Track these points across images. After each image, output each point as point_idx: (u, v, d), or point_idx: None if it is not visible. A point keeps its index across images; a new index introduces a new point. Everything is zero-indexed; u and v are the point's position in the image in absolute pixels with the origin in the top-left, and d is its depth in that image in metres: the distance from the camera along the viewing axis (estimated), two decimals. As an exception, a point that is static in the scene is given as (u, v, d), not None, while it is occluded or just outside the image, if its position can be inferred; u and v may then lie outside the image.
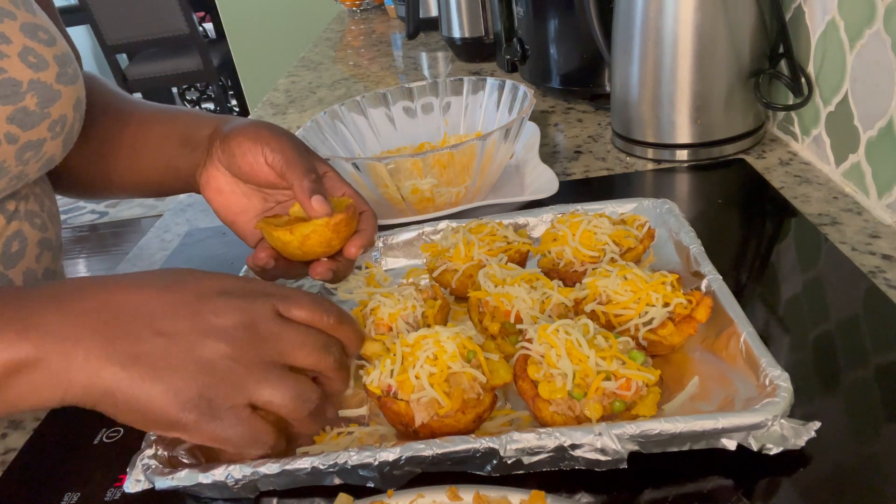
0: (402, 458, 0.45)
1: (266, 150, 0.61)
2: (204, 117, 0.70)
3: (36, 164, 0.61)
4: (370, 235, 0.62)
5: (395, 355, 0.51)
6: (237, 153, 0.62)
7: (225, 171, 0.64)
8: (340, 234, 0.59)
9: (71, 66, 0.62)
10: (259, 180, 0.63)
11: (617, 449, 0.44)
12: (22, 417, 0.63)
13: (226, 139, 0.63)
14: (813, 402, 0.50)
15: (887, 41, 0.67)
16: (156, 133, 0.71)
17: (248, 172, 0.62)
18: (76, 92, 0.63)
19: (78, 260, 3.56)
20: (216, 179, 0.65)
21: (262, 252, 0.60)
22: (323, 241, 0.58)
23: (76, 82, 0.63)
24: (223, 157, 0.63)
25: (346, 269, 0.62)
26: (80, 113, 0.64)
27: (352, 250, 0.60)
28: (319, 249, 0.59)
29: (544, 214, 0.74)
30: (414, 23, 1.61)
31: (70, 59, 0.63)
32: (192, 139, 0.68)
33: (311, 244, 0.58)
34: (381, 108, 0.95)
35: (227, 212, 0.66)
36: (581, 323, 0.51)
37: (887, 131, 0.69)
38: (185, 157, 0.68)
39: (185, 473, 0.47)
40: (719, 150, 0.89)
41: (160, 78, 3.86)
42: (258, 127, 0.63)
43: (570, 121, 1.10)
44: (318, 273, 0.59)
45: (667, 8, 0.83)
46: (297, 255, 0.59)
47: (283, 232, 0.58)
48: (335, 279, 0.61)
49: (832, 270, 0.65)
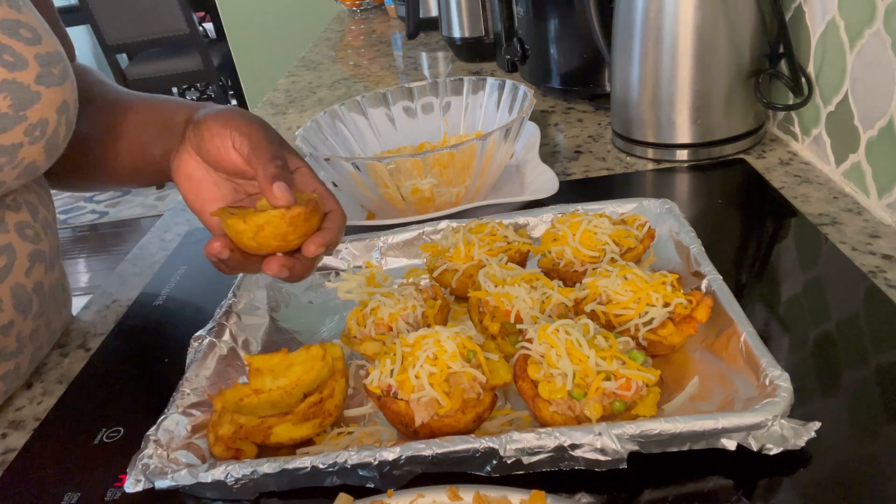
0: (401, 457, 0.45)
1: (234, 134, 0.58)
2: (182, 103, 0.68)
3: (12, 172, 0.57)
4: (334, 235, 0.57)
5: (395, 355, 0.51)
6: (206, 136, 0.59)
7: (196, 157, 0.62)
8: (298, 229, 0.54)
9: (57, 67, 0.59)
10: (227, 166, 0.60)
11: (617, 449, 0.44)
12: (22, 417, 0.63)
13: (198, 123, 0.61)
14: (813, 402, 0.50)
15: (887, 41, 0.67)
16: (134, 120, 0.69)
17: (216, 157, 0.60)
18: (61, 94, 0.59)
19: (78, 260, 3.56)
20: (187, 164, 0.62)
21: (217, 241, 0.56)
22: (278, 234, 0.54)
23: (63, 84, 0.60)
24: (194, 141, 0.61)
25: (305, 270, 0.57)
26: (66, 117, 0.60)
27: (310, 248, 0.55)
28: (274, 243, 0.54)
29: (544, 214, 0.74)
30: (414, 23, 1.61)
31: (58, 59, 0.60)
32: (169, 125, 0.66)
33: (265, 236, 0.54)
34: (381, 107, 0.95)
35: (195, 199, 0.62)
36: (581, 323, 0.51)
37: (887, 131, 0.69)
38: (160, 142, 0.66)
39: (185, 473, 0.47)
40: (719, 150, 0.89)
41: (160, 78, 3.86)
42: (231, 112, 0.61)
43: (571, 121, 1.10)
44: (270, 268, 0.55)
45: (667, 8, 0.83)
46: (251, 246, 0.55)
47: (237, 220, 0.54)
48: (290, 278, 0.56)
49: (832, 270, 0.65)
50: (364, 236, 0.75)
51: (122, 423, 0.59)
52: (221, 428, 0.50)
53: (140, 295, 0.79)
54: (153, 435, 0.50)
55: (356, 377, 0.59)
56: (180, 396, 0.55)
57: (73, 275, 3.43)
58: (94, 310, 0.79)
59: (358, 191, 0.81)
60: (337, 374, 0.54)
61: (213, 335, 0.61)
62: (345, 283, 0.67)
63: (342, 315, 0.67)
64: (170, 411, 0.53)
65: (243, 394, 0.55)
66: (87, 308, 0.80)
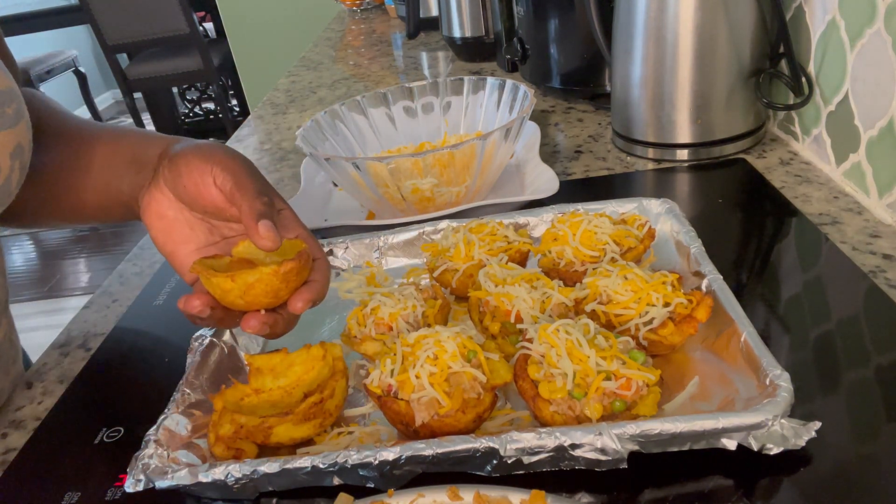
0: (402, 457, 0.45)
1: (216, 170, 0.54)
2: (154, 137, 0.63)
3: None
4: (321, 289, 0.54)
5: (396, 355, 0.51)
6: (184, 172, 0.55)
7: (169, 194, 0.57)
8: (290, 285, 0.52)
9: (11, 107, 0.54)
10: (205, 204, 0.55)
11: (617, 449, 0.44)
12: (22, 417, 0.63)
13: (175, 156, 0.56)
14: (813, 401, 0.50)
15: (888, 40, 0.67)
16: (100, 152, 0.63)
17: (194, 194, 0.55)
18: (15, 137, 0.53)
19: (78, 260, 3.56)
20: (159, 203, 0.57)
21: (197, 299, 0.51)
22: (269, 292, 0.51)
23: (16, 126, 0.54)
24: (169, 177, 0.56)
25: (287, 325, 0.54)
26: (20, 161, 0.55)
27: (297, 305, 0.52)
28: (265, 300, 0.51)
29: (545, 214, 0.74)
30: (414, 22, 1.61)
31: (12, 98, 0.54)
32: (140, 159, 0.61)
33: (256, 294, 0.51)
34: (381, 107, 0.95)
35: (165, 240, 0.58)
36: (581, 323, 0.51)
37: (888, 131, 0.69)
38: (129, 177, 0.60)
39: (185, 473, 0.47)
40: (720, 149, 0.89)
41: (160, 78, 3.86)
42: (212, 147, 0.57)
43: (571, 120, 1.10)
44: (250, 327, 0.51)
45: (668, 7, 0.83)
46: (237, 304, 0.52)
47: (223, 279, 0.50)
48: (272, 334, 0.54)
49: (833, 270, 0.65)
50: (364, 236, 0.75)
51: (123, 423, 0.59)
52: (222, 428, 0.50)
53: (140, 295, 0.79)
54: (153, 435, 0.50)
55: (356, 377, 0.59)
56: (180, 396, 0.55)
57: (73, 275, 3.44)
58: (94, 310, 0.79)
59: (358, 191, 0.81)
60: (337, 374, 0.54)
61: (213, 335, 0.61)
62: (345, 282, 0.67)
63: (342, 315, 0.67)
64: (170, 411, 0.53)
65: (244, 393, 0.54)
66: (87, 308, 0.80)
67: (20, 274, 3.49)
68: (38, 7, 4.17)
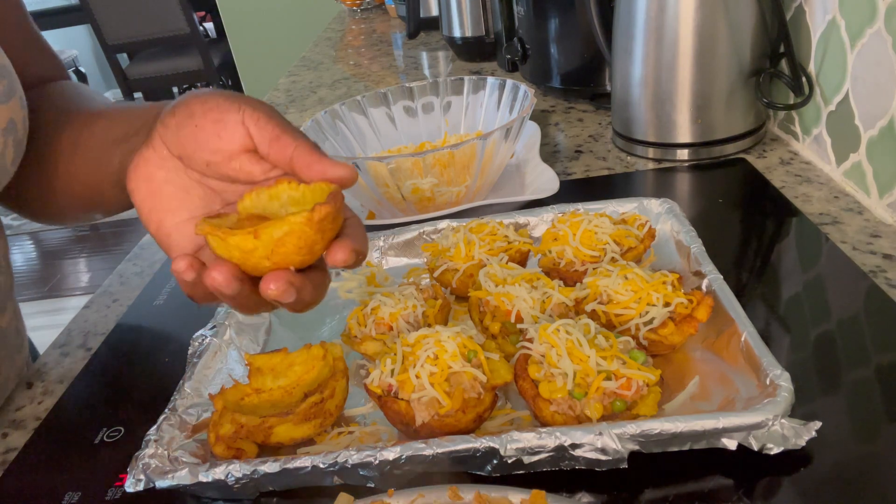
0: (402, 457, 0.45)
1: (246, 108, 0.44)
2: (154, 105, 0.55)
3: None
4: (363, 240, 0.44)
5: (396, 355, 0.51)
6: (198, 112, 0.45)
7: (164, 150, 0.46)
8: (325, 235, 0.41)
9: (2, 83, 0.52)
10: (221, 148, 0.45)
11: (617, 448, 0.44)
12: (22, 417, 0.63)
13: (184, 101, 0.46)
14: (814, 401, 0.50)
15: (888, 40, 0.67)
16: (100, 125, 0.58)
17: (210, 135, 0.45)
18: (7, 113, 0.51)
19: (78, 259, 3.56)
20: (147, 162, 0.47)
21: (217, 271, 0.40)
22: (303, 246, 0.40)
23: (8, 102, 0.52)
24: (172, 123, 0.46)
25: (317, 291, 0.43)
26: (14, 138, 0.52)
27: (338, 256, 0.41)
28: (297, 258, 0.41)
29: (545, 214, 0.74)
30: (414, 22, 1.61)
31: (3, 74, 0.52)
32: (135, 127, 0.53)
33: (287, 251, 0.40)
34: (381, 107, 0.95)
35: (151, 208, 0.47)
36: (582, 322, 0.51)
37: (888, 131, 0.69)
38: (121, 147, 0.53)
39: (185, 473, 0.47)
40: (720, 149, 0.89)
41: (160, 78, 3.86)
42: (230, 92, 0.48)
43: (571, 120, 1.10)
44: (274, 289, 0.40)
45: (668, 7, 0.83)
46: (261, 268, 0.41)
47: (244, 237, 0.39)
48: (298, 302, 0.42)
49: (833, 270, 0.65)
50: (364, 236, 0.75)
51: (123, 423, 0.59)
52: (222, 427, 0.50)
53: (140, 295, 0.79)
54: (153, 434, 0.50)
55: (357, 377, 0.59)
56: (181, 396, 0.55)
57: (73, 274, 3.44)
58: (94, 310, 0.79)
59: (358, 190, 0.81)
60: (338, 374, 0.54)
61: (213, 335, 0.61)
62: (345, 282, 0.67)
63: (342, 315, 0.67)
64: (170, 411, 0.53)
65: (244, 393, 0.54)
66: (87, 308, 0.80)
67: (21, 274, 3.49)
68: (39, 7, 4.17)
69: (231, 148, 0.45)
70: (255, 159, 0.45)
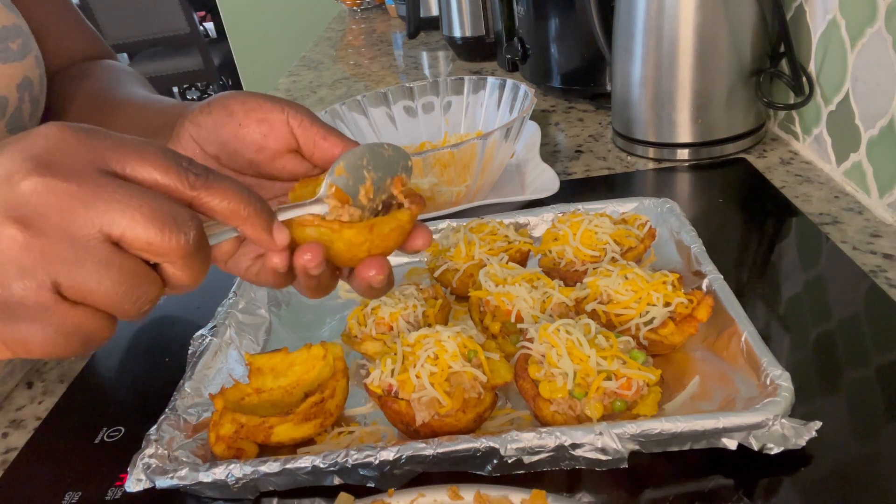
0: (402, 457, 0.45)
1: (290, 110, 0.46)
2: (178, 104, 0.57)
3: None
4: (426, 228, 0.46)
5: (396, 355, 0.51)
6: (239, 111, 0.45)
7: (195, 150, 0.46)
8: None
9: (17, 42, 0.53)
10: (261, 149, 0.46)
11: (617, 448, 0.44)
12: (22, 417, 0.63)
13: (215, 103, 0.46)
14: (814, 401, 0.50)
15: (888, 40, 0.67)
16: (118, 121, 0.58)
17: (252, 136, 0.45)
18: (22, 70, 0.53)
19: (79, 259, 3.55)
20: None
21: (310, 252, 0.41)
22: (401, 238, 0.44)
23: (23, 59, 0.53)
24: (207, 124, 0.46)
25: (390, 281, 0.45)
26: (29, 94, 0.54)
27: (418, 242, 0.45)
28: (392, 247, 0.44)
29: (545, 214, 0.74)
30: (415, 22, 1.61)
31: (16, 34, 0.54)
32: (152, 127, 0.54)
33: (387, 244, 0.43)
34: (381, 107, 0.95)
35: None
36: (582, 322, 0.51)
37: (888, 130, 0.69)
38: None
39: (185, 472, 0.47)
40: (720, 149, 0.89)
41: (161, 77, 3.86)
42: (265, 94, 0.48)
43: (571, 120, 1.10)
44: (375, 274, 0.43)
45: (668, 7, 0.83)
46: (348, 257, 0.43)
47: (360, 230, 0.41)
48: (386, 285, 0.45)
49: (833, 270, 0.65)
50: (365, 236, 0.75)
51: (123, 423, 0.59)
52: (222, 427, 0.50)
53: (141, 294, 0.79)
54: (154, 434, 0.50)
55: (357, 377, 0.59)
56: (181, 396, 0.55)
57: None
58: (95, 309, 0.79)
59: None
60: (338, 374, 0.54)
61: (213, 335, 0.61)
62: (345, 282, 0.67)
63: (343, 314, 0.67)
64: (170, 411, 0.53)
65: (244, 393, 0.54)
66: (87, 307, 0.80)
67: (21, 274, 3.48)
68: (39, 7, 4.18)
69: (276, 147, 0.46)
70: (298, 159, 0.47)
